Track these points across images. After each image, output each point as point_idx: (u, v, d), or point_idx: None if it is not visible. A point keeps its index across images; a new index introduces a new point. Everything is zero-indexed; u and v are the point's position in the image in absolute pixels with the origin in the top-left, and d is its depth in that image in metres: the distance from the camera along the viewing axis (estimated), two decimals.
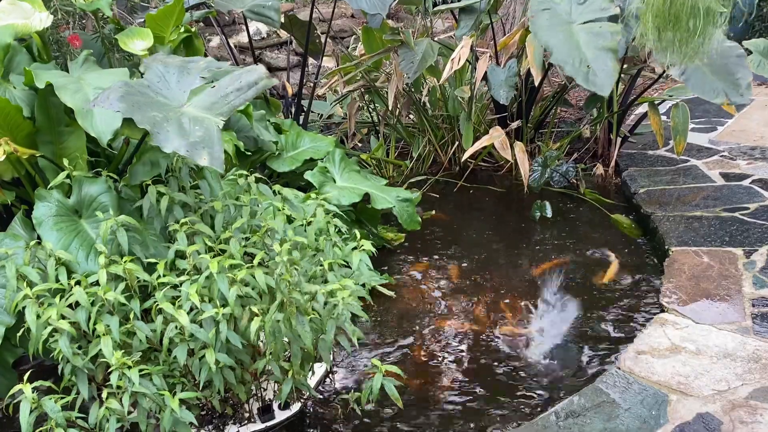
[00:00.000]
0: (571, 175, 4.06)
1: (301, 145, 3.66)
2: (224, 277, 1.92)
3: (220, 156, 2.11)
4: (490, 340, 2.71)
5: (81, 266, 2.23)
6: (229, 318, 1.90)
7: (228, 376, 1.93)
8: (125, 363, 1.76)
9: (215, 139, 2.13)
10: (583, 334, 2.70)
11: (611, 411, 2.11)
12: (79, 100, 2.45)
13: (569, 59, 3.40)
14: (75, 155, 2.62)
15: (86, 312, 1.88)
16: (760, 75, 3.99)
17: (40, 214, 2.32)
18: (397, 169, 4.38)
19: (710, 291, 2.75)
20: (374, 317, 2.89)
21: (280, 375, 2.00)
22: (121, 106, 2.07)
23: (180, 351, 1.87)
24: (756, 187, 3.68)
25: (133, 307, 1.97)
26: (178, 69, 2.42)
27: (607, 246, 3.41)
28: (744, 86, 3.56)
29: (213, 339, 1.86)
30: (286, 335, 1.93)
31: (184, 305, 1.90)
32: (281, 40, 6.08)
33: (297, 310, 1.92)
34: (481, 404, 2.36)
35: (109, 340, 1.81)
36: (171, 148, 2.04)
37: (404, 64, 3.92)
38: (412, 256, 3.42)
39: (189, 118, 2.18)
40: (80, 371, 1.86)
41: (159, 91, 2.30)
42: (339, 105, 4.98)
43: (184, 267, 2.08)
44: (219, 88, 2.35)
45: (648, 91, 4.50)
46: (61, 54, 3.03)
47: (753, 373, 2.25)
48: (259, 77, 2.41)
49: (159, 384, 1.83)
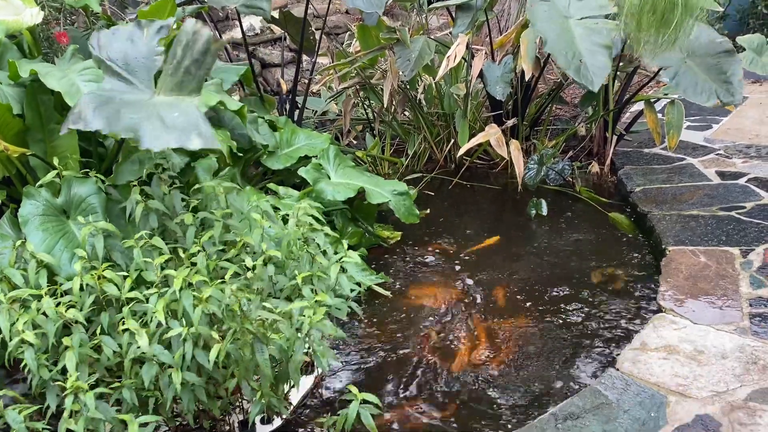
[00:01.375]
0: (567, 173, 4.05)
1: (296, 143, 3.62)
2: (189, 295, 1.81)
3: (209, 133, 2.03)
4: (483, 339, 2.69)
5: (64, 269, 2.17)
6: (198, 337, 1.81)
7: (199, 393, 1.84)
8: (80, 387, 1.68)
9: (199, 120, 2.05)
10: (581, 335, 2.69)
11: (610, 413, 2.10)
12: (65, 83, 2.40)
13: (563, 51, 3.39)
14: (66, 154, 2.58)
15: (53, 324, 1.81)
16: (752, 72, 3.98)
17: (27, 212, 2.27)
18: (393, 167, 4.36)
19: (708, 291, 2.74)
20: (370, 317, 2.87)
21: (250, 395, 1.92)
22: (98, 123, 2.00)
23: (146, 370, 1.77)
24: (752, 186, 3.67)
25: (102, 321, 1.89)
26: (130, 51, 2.31)
27: (603, 245, 3.40)
28: (735, 84, 3.54)
29: (179, 360, 1.77)
30: (243, 364, 1.83)
31: (150, 322, 1.81)
32: (275, 36, 6.03)
33: (256, 338, 1.82)
34: (470, 407, 2.34)
35: (73, 356, 1.74)
36: (160, 145, 1.99)
37: (401, 62, 3.89)
38: (408, 254, 3.39)
39: (166, 106, 2.11)
40: (48, 383, 1.79)
41: (125, 90, 2.21)
42: (334, 102, 4.94)
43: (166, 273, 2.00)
44: (177, 64, 2.23)
45: (644, 89, 4.49)
46: (51, 51, 2.99)
47: (751, 374, 2.24)
48: (207, 41, 2.27)
49: (128, 398, 1.76)
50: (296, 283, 1.99)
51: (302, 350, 1.86)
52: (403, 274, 3.23)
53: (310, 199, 3.15)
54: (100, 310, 1.91)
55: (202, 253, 2.02)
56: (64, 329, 1.85)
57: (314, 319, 1.83)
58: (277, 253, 2.05)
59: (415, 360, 2.59)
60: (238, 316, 1.79)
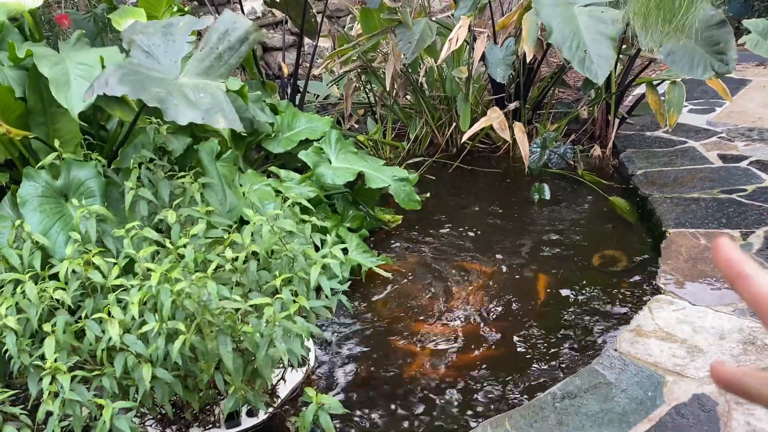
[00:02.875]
0: (569, 157, 4.05)
1: (297, 126, 3.63)
2: (167, 289, 1.77)
3: (234, 117, 2.10)
4: (482, 322, 2.71)
5: (59, 251, 2.17)
6: (174, 331, 1.77)
7: (175, 386, 1.79)
8: (58, 368, 1.65)
9: (224, 102, 2.12)
10: (580, 315, 2.71)
11: (607, 392, 2.12)
12: (58, 72, 2.41)
13: (567, 41, 3.36)
14: (68, 137, 2.59)
15: (35, 308, 1.78)
16: (757, 55, 3.96)
17: (26, 193, 2.28)
18: (394, 151, 4.36)
19: (707, 273, 2.75)
20: (368, 300, 2.89)
21: (223, 389, 1.85)
22: (123, 89, 2.02)
23: (119, 361, 1.73)
24: (754, 169, 3.67)
25: (86, 306, 1.87)
26: (162, 38, 2.34)
27: (605, 228, 3.41)
28: (729, 54, 3.51)
29: (153, 353, 1.73)
30: (209, 356, 1.78)
31: (126, 314, 1.78)
32: (276, 19, 6.01)
33: (219, 330, 1.77)
34: (469, 389, 2.36)
35: (53, 340, 1.71)
36: (185, 119, 2.03)
37: (402, 44, 3.88)
38: (409, 237, 3.41)
39: (190, 87, 2.15)
40: (29, 368, 1.76)
41: (151, 67, 2.25)
42: (335, 85, 4.94)
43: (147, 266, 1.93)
44: (209, 50, 2.29)
45: (646, 71, 4.47)
46: (53, 34, 2.99)
47: (749, 354, 2.26)
48: (247, 31, 2.35)
49: (108, 385, 1.72)
50: (275, 283, 1.92)
51: (266, 347, 1.78)
52: (403, 255, 3.24)
53: (311, 182, 3.17)
54: (87, 296, 1.90)
55: (190, 246, 1.97)
56: (50, 315, 1.84)
57: (277, 317, 1.76)
58: (258, 248, 1.99)
59: (415, 341, 2.61)
60: (199, 306, 1.75)
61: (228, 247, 1.98)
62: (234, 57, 2.26)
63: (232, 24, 2.32)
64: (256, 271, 1.97)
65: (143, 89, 2.03)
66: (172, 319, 1.75)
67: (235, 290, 1.87)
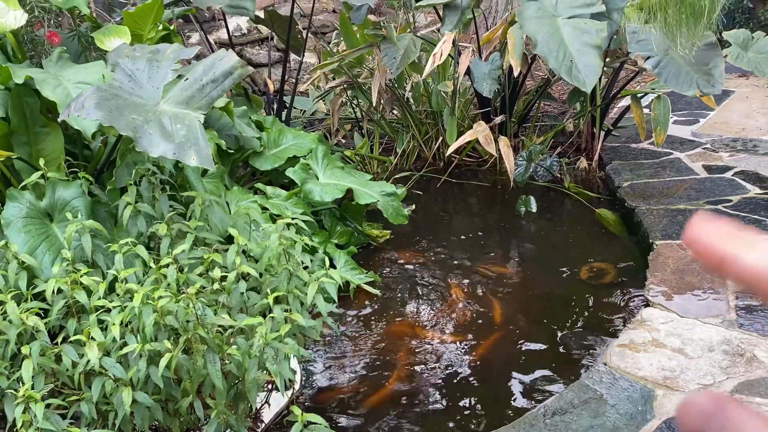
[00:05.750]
0: (556, 169, 4.06)
1: (284, 143, 3.62)
2: (150, 310, 1.72)
3: (207, 153, 2.07)
4: (469, 335, 2.70)
5: (45, 272, 2.14)
6: (156, 353, 1.73)
7: (155, 411, 1.75)
8: (31, 396, 1.60)
9: (200, 137, 2.08)
10: (568, 328, 2.70)
11: (598, 407, 2.11)
12: (60, 93, 2.39)
13: (553, 52, 3.39)
14: (52, 157, 2.56)
15: (15, 330, 1.74)
16: (737, 67, 4.01)
17: (10, 214, 2.25)
18: (382, 165, 4.36)
19: (695, 284, 2.76)
20: (356, 317, 2.87)
21: (202, 414, 1.79)
22: (99, 114, 1.99)
23: (96, 385, 1.68)
24: (738, 180, 3.70)
25: (69, 328, 1.82)
26: (147, 63, 2.33)
27: (592, 240, 3.42)
28: (717, 76, 3.56)
29: (134, 376, 1.68)
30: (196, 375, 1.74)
31: (107, 335, 1.74)
32: (262, 36, 6.02)
33: (209, 347, 1.73)
34: (457, 404, 2.35)
35: (30, 364, 1.66)
36: (158, 152, 1.99)
37: (387, 60, 3.89)
38: (397, 252, 3.40)
39: (168, 116, 2.13)
40: (6, 392, 1.71)
41: (132, 91, 2.23)
42: (322, 101, 4.94)
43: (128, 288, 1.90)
44: (193, 80, 2.29)
45: (630, 84, 4.51)
46: (35, 53, 2.97)
47: (738, 366, 2.26)
48: (233, 66, 2.35)
49: (86, 411, 1.68)
50: (267, 302, 1.89)
51: (255, 368, 1.75)
52: (391, 271, 3.23)
53: (297, 199, 3.16)
54: (71, 317, 1.87)
55: (173, 266, 1.93)
56: (32, 338, 1.80)
57: (269, 338, 1.73)
58: (251, 269, 1.96)
59: (403, 357, 2.60)
60: (191, 321, 1.71)
61: (216, 267, 1.96)
62: (216, 90, 2.25)
63: (219, 58, 2.32)
64: (245, 291, 1.95)
65: (119, 116, 2.00)
66: (154, 340, 1.72)
67: (219, 311, 1.84)
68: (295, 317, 1.82)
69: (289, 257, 2.04)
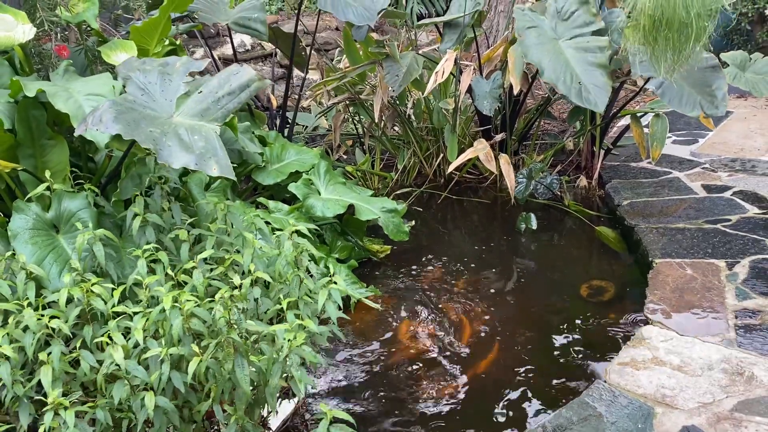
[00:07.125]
0: (556, 187, 4.09)
1: (286, 158, 3.64)
2: (178, 313, 1.76)
3: (227, 163, 2.09)
4: (468, 350, 2.71)
5: (53, 283, 2.16)
6: (178, 358, 1.76)
7: (172, 417, 1.77)
8: (61, 403, 1.62)
9: (218, 148, 2.10)
10: (568, 346, 2.71)
11: (598, 425, 2.12)
12: (72, 105, 2.42)
13: (561, 76, 3.40)
14: (58, 168, 2.58)
15: (32, 336, 1.76)
16: (736, 87, 4.05)
17: (16, 226, 2.27)
18: (383, 181, 4.38)
19: (694, 303, 2.77)
20: (356, 331, 2.88)
21: (222, 419, 1.83)
22: (118, 127, 2.00)
23: (117, 389, 1.71)
24: (737, 199, 3.72)
25: (84, 334, 1.85)
26: (158, 76, 2.36)
27: (592, 258, 3.43)
28: (720, 98, 3.60)
29: (156, 380, 1.71)
30: (223, 379, 1.78)
31: (129, 340, 1.77)
32: (266, 52, 6.07)
33: (237, 352, 1.77)
34: (457, 420, 2.35)
35: (49, 370, 1.69)
36: (179, 163, 2.00)
37: (389, 77, 3.93)
38: (398, 268, 3.41)
39: (185, 128, 2.14)
40: (22, 399, 1.74)
41: (146, 104, 2.24)
42: (324, 117, 4.97)
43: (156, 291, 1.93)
44: (207, 93, 2.31)
45: (630, 104, 4.55)
46: (42, 66, 3.00)
47: (737, 385, 2.26)
48: (250, 79, 2.37)
49: (102, 418, 1.70)
50: (280, 307, 1.93)
51: (279, 374, 1.79)
52: (391, 286, 3.24)
53: (299, 214, 3.18)
54: (84, 324, 1.89)
55: (197, 270, 1.98)
56: (45, 345, 1.82)
57: (294, 344, 1.77)
58: (265, 275, 1.99)
59: (403, 371, 2.60)
60: (224, 326, 1.75)
61: (233, 271, 1.99)
62: (233, 102, 2.27)
63: (235, 72, 2.35)
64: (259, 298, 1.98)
65: (137, 129, 2.02)
66: (178, 343, 1.75)
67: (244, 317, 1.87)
68: (308, 323, 1.85)
69: (300, 265, 2.07)
